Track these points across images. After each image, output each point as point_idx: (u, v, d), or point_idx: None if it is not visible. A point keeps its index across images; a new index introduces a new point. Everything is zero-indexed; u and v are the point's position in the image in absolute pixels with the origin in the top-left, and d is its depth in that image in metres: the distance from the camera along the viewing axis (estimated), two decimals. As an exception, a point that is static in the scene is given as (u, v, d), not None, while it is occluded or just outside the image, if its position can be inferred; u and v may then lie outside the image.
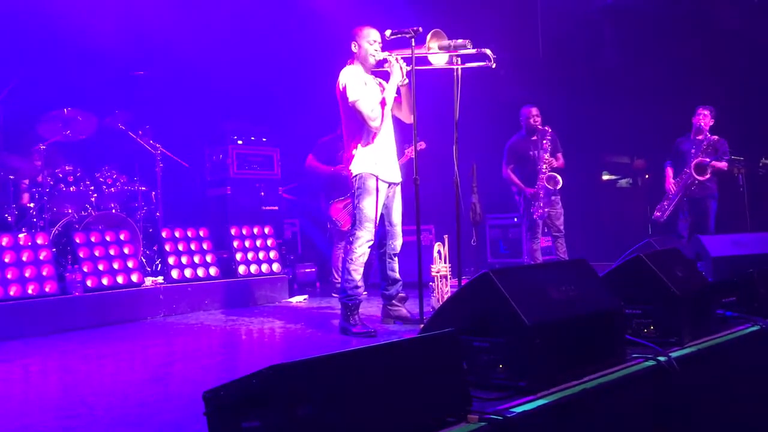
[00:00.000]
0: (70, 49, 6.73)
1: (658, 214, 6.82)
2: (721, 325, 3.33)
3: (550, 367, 2.34)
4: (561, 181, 6.33)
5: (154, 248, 6.35)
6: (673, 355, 2.74)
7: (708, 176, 6.55)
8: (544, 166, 6.33)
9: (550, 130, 6.39)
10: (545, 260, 6.55)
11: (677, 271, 3.13)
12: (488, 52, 4.15)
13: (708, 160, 6.56)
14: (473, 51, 4.19)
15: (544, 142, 6.36)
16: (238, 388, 1.77)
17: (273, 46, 7.93)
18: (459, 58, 4.25)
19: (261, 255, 6.60)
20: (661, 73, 8.45)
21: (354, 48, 4.50)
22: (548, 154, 6.34)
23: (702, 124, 6.66)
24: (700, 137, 6.71)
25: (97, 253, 5.58)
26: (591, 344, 2.55)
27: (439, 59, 4.28)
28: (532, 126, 6.44)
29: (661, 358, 2.67)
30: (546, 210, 6.34)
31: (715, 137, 6.58)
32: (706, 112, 6.68)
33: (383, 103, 4.40)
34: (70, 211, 5.99)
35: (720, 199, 6.80)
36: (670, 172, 6.83)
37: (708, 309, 3.29)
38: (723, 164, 6.61)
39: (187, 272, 6.04)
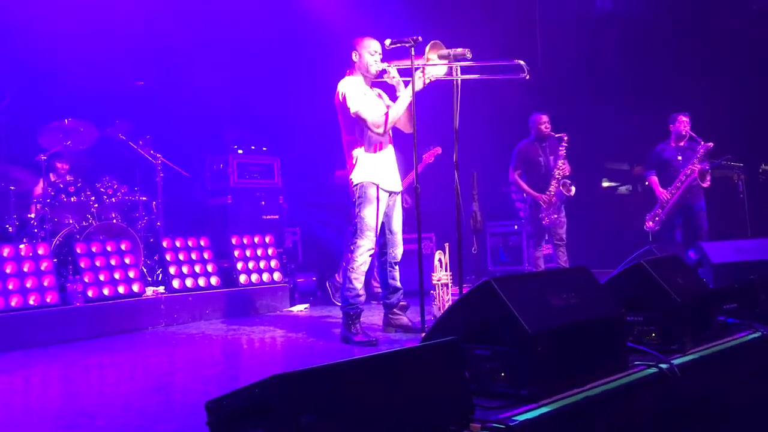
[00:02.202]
0: (71, 59, 6.74)
1: (651, 224, 6.73)
2: (723, 331, 3.33)
3: (551, 375, 2.34)
4: (574, 189, 6.31)
5: (155, 258, 6.35)
6: (675, 362, 2.74)
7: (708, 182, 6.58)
8: (558, 172, 6.31)
9: (566, 138, 6.34)
10: (547, 268, 6.54)
11: (678, 278, 3.13)
12: (521, 62, 4.12)
13: (708, 166, 6.59)
14: (511, 63, 4.11)
15: (560, 148, 6.33)
16: (241, 398, 1.77)
17: (273, 55, 7.95)
18: (459, 69, 4.25)
19: (262, 264, 6.60)
20: (661, 80, 8.47)
21: (354, 57, 4.52)
22: (562, 160, 6.32)
23: (684, 130, 6.69)
24: (682, 143, 6.75)
25: (98, 264, 5.59)
26: (593, 352, 2.55)
27: (438, 70, 4.29)
28: (544, 133, 6.41)
29: (663, 365, 2.67)
30: (554, 216, 6.32)
31: (710, 144, 6.57)
32: (686, 119, 6.72)
33: (387, 114, 4.40)
34: (71, 221, 5.99)
35: (719, 205, 6.80)
36: (656, 180, 6.80)
37: (709, 316, 3.30)
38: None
39: (188, 282, 6.05)
